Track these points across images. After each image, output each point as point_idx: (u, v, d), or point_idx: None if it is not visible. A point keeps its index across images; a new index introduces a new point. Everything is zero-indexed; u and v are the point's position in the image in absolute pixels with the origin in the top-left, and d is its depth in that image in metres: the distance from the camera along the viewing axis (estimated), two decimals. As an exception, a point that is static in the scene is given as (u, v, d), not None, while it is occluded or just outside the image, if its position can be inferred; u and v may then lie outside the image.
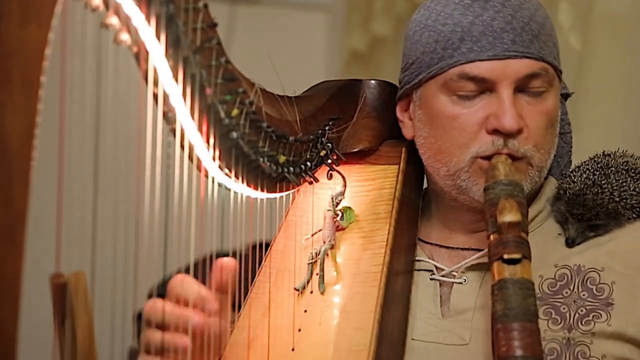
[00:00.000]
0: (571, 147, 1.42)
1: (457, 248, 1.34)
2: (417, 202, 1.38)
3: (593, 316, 1.25)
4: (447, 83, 1.27)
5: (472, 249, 1.32)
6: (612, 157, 1.33)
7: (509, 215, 1.17)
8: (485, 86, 1.26)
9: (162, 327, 1.16)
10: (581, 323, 1.24)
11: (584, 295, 1.26)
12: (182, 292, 1.15)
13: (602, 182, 1.29)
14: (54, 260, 0.98)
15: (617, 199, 1.29)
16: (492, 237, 1.18)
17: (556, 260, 1.29)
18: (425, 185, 1.40)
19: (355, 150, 1.37)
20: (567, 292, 1.27)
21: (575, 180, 1.31)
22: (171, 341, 1.14)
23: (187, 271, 1.14)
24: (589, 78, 2.48)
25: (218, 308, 1.16)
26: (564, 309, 1.26)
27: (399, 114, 1.37)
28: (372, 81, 1.40)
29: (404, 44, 1.34)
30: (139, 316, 2.33)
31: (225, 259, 1.17)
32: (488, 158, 1.26)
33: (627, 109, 2.51)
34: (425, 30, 1.30)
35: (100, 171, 1.03)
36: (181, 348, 1.14)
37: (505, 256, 1.15)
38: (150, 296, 1.60)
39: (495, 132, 1.25)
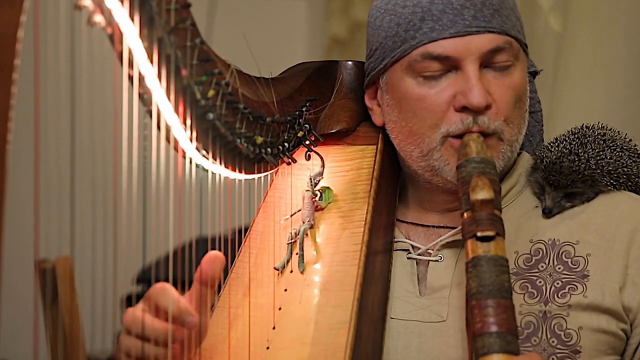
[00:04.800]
0: (542, 125, 1.43)
1: (433, 226, 1.34)
2: (395, 181, 1.38)
3: (569, 288, 1.26)
4: (411, 65, 1.27)
5: (448, 227, 1.33)
6: (590, 129, 1.34)
7: (482, 193, 1.17)
8: (450, 64, 1.26)
9: (142, 337, 1.15)
10: (557, 296, 1.25)
11: (559, 268, 1.27)
12: (162, 303, 1.13)
13: (579, 150, 1.30)
14: (33, 243, 0.98)
15: (594, 167, 1.29)
16: (465, 214, 1.18)
17: (531, 236, 1.30)
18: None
19: (333, 130, 1.37)
20: (542, 266, 1.28)
21: (552, 149, 1.31)
22: (151, 351, 1.14)
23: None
24: (569, 59, 2.49)
25: (198, 321, 1.14)
26: (540, 282, 1.27)
27: (367, 102, 1.37)
28: (349, 62, 1.40)
29: (367, 32, 1.34)
30: (126, 299, 2.31)
31: (213, 252, 1.16)
32: (459, 137, 1.26)
33: (607, 90, 2.51)
34: (386, 14, 1.30)
35: (77, 154, 1.03)
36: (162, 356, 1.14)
37: (479, 234, 1.15)
38: (132, 283, 1.59)
39: (463, 109, 1.25)
